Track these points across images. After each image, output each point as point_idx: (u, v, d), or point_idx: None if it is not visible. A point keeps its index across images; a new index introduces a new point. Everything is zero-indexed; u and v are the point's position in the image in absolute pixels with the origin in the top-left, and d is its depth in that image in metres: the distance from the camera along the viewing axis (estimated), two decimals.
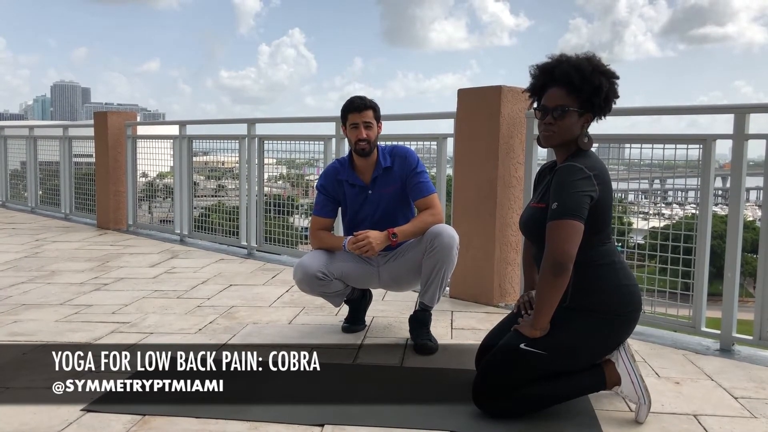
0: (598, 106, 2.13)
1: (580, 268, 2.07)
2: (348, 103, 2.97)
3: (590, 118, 2.15)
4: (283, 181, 6.09)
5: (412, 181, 2.96)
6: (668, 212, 3.56)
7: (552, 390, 2.13)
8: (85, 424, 2.11)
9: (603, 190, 2.07)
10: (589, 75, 2.09)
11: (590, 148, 2.18)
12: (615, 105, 2.18)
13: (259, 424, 2.11)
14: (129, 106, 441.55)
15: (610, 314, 2.11)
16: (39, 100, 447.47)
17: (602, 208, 2.08)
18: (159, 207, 7.15)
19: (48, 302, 3.73)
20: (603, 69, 2.12)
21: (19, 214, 8.22)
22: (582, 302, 2.11)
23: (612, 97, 2.14)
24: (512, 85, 3.71)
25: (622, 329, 2.15)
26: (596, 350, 2.16)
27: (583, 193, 2.02)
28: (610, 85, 2.12)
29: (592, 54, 2.17)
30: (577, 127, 2.13)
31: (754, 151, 2.98)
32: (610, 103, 2.15)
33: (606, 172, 2.13)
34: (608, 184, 2.11)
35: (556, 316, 2.09)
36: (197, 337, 3.10)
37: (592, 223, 2.05)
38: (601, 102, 2.12)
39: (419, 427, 2.10)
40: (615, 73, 2.14)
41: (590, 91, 2.10)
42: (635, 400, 2.14)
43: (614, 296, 2.12)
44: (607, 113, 2.18)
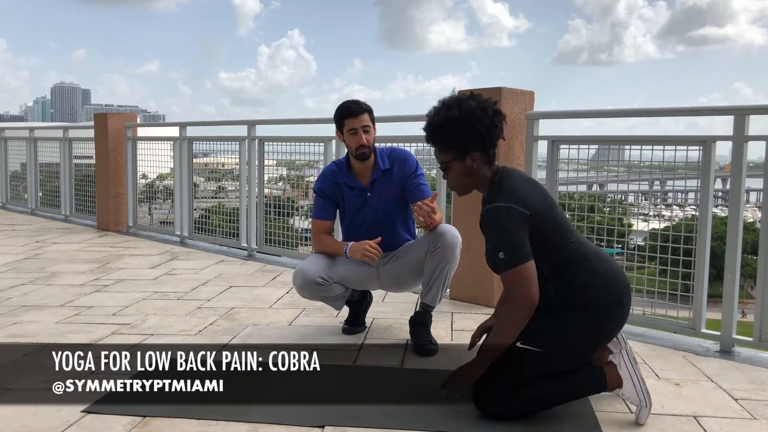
0: (479, 145, 2.16)
1: (555, 275, 2.10)
2: (344, 108, 2.95)
3: (476, 155, 2.16)
4: (283, 183, 6.09)
5: (412, 183, 2.96)
6: (668, 214, 3.56)
7: (552, 391, 2.14)
8: (86, 425, 2.11)
9: (533, 208, 2.08)
10: (456, 133, 2.14)
11: (497, 173, 2.19)
12: (503, 134, 2.20)
13: (260, 426, 2.11)
14: (129, 107, 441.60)
15: (599, 305, 2.11)
16: (39, 102, 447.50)
17: (542, 221, 2.10)
18: (159, 208, 7.15)
19: (48, 304, 3.73)
20: (472, 113, 2.13)
21: (20, 215, 8.21)
22: (569, 302, 2.11)
23: (491, 131, 2.15)
24: (512, 86, 3.71)
25: (615, 317, 2.14)
26: (591, 343, 2.15)
27: (518, 232, 2.04)
28: (485, 126, 2.14)
29: (466, 97, 2.19)
30: (469, 170, 2.18)
31: (753, 152, 2.99)
32: (492, 137, 2.17)
33: (528, 186, 2.14)
34: (536, 197, 2.12)
35: (549, 317, 2.09)
36: (197, 338, 3.10)
37: (543, 235, 2.08)
38: (477, 143, 2.15)
39: (419, 428, 2.10)
40: (487, 110, 2.15)
41: (462, 145, 2.15)
42: (636, 403, 2.14)
43: (598, 288, 2.12)
44: (495, 143, 2.19)
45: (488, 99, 2.20)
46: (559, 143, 3.57)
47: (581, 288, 2.11)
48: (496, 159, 2.23)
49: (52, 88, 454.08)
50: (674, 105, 49.30)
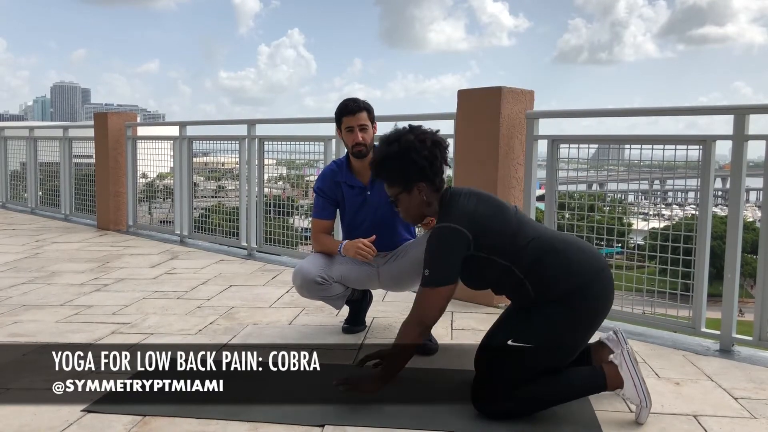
0: (422, 177, 2.22)
1: (528, 275, 2.12)
2: (342, 106, 2.95)
3: (422, 186, 2.23)
4: (283, 182, 6.09)
5: None
6: (668, 213, 3.56)
7: (551, 391, 2.14)
8: (86, 424, 2.11)
9: (479, 224, 2.13)
10: (398, 168, 2.22)
11: (444, 196, 2.24)
12: (447, 163, 2.28)
13: (260, 425, 2.11)
14: (129, 107, 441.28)
15: (577, 294, 2.11)
16: (39, 101, 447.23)
17: (493, 230, 2.14)
18: (159, 208, 7.15)
19: (48, 303, 3.73)
20: (410, 146, 2.20)
21: (19, 214, 8.22)
22: (548, 296, 2.12)
23: (431, 162, 2.21)
24: (512, 86, 3.71)
25: (596, 303, 2.14)
26: (580, 333, 2.15)
27: (450, 256, 2.11)
28: (425, 158, 2.20)
29: (406, 131, 2.27)
30: (417, 199, 2.25)
31: (753, 152, 2.99)
32: (434, 167, 2.22)
33: (473, 201, 2.18)
34: (484, 209, 2.16)
35: (533, 313, 2.12)
36: (197, 337, 3.10)
37: (500, 242, 2.13)
38: (420, 174, 2.21)
39: (420, 427, 2.10)
40: (425, 142, 2.21)
41: (405, 178, 2.22)
42: (637, 403, 2.14)
43: (572, 276, 2.12)
44: (439, 172, 2.25)
45: (427, 131, 2.28)
46: (559, 142, 3.57)
47: (555, 281, 2.12)
48: (443, 185, 2.29)
49: (52, 88, 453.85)
50: (674, 104, 49.26)
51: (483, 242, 2.12)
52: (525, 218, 2.26)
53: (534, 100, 3.79)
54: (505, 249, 2.14)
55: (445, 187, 2.28)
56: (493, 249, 2.13)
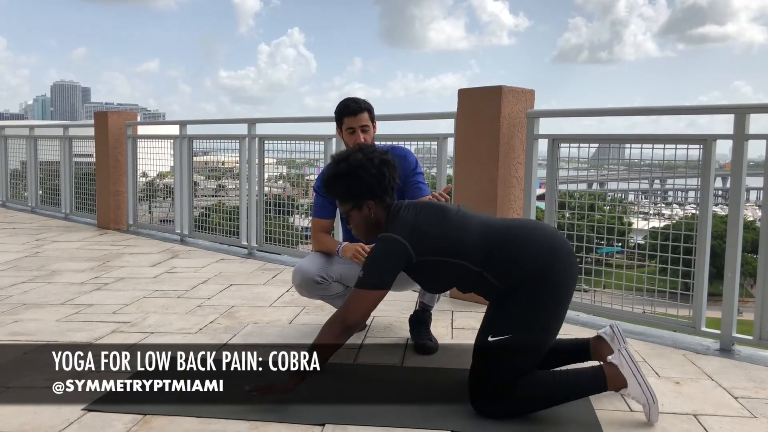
0: (371, 194, 2.27)
1: (486, 267, 2.16)
2: (342, 106, 2.94)
3: (371, 203, 2.29)
4: (283, 181, 6.09)
5: (411, 180, 2.96)
6: (668, 212, 3.56)
7: (551, 392, 2.13)
8: (87, 423, 2.11)
9: (422, 231, 2.18)
10: (346, 186, 2.27)
11: (389, 210, 2.29)
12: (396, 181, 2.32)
13: (260, 424, 2.11)
14: (129, 105, 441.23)
15: (537, 275, 2.13)
16: (39, 100, 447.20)
17: (437, 233, 2.19)
18: (159, 207, 7.15)
19: (48, 302, 3.73)
20: (359, 165, 2.25)
21: (20, 213, 8.22)
22: (511, 283, 2.14)
23: (379, 181, 2.26)
24: (512, 85, 3.71)
25: (559, 280, 2.15)
26: (551, 314, 2.16)
27: (386, 263, 2.16)
28: (373, 176, 2.25)
29: (355, 150, 2.33)
30: (368, 217, 2.29)
31: (754, 151, 2.99)
32: (382, 185, 2.27)
33: (414, 212, 2.23)
34: (425, 216, 2.22)
35: (501, 304, 2.15)
36: (198, 336, 3.11)
37: (445, 242, 2.18)
38: (368, 192, 2.26)
39: (420, 426, 2.10)
40: (373, 161, 2.26)
41: (354, 196, 2.28)
42: (643, 401, 2.12)
43: (528, 259, 2.15)
44: (388, 190, 2.29)
45: (376, 150, 2.33)
46: (560, 142, 3.57)
47: (515, 265, 2.15)
48: (393, 203, 2.33)
49: (52, 87, 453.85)
50: (674, 103, 49.20)
51: (427, 247, 2.17)
52: (470, 214, 2.29)
53: (534, 99, 3.79)
54: (454, 248, 2.18)
55: (393, 203, 2.34)
56: (441, 251, 2.18)
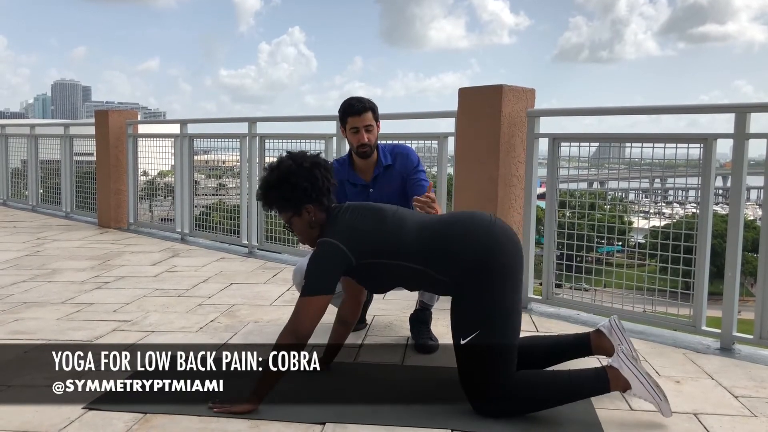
0: (307, 199, 2.28)
1: (429, 263, 2.17)
2: (346, 105, 2.94)
3: (310, 207, 2.29)
4: None
5: (412, 178, 2.97)
6: (669, 211, 3.56)
7: (551, 392, 2.12)
8: (87, 422, 2.12)
9: (359, 234, 2.21)
10: (280, 194, 2.28)
11: (329, 214, 2.31)
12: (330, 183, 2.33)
13: (260, 423, 2.11)
14: (129, 104, 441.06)
15: (479, 264, 2.15)
16: (40, 99, 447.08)
17: (375, 235, 2.21)
18: (160, 205, 7.15)
19: (49, 301, 3.73)
20: (289, 171, 2.28)
21: (20, 212, 8.22)
22: (457, 277, 2.16)
23: (313, 183, 2.27)
24: (513, 84, 3.71)
25: (502, 262, 2.16)
26: (509, 295, 2.16)
27: (327, 267, 2.18)
28: (305, 180, 2.27)
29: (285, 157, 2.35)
30: (309, 222, 2.30)
31: (754, 150, 2.99)
32: (316, 188, 2.28)
33: (351, 216, 2.26)
34: (363, 220, 2.24)
35: (454, 301, 2.18)
36: (198, 335, 3.11)
37: (384, 243, 2.20)
38: (304, 197, 2.27)
39: (420, 425, 2.10)
40: (303, 164, 2.29)
41: (290, 202, 2.29)
42: (651, 400, 2.11)
43: (467, 249, 2.16)
44: (325, 192, 2.31)
45: (306, 154, 2.36)
46: (560, 141, 3.57)
47: (455, 260, 2.16)
48: (332, 204, 2.35)
49: (53, 85, 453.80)
50: (675, 102, 49.24)
51: (366, 249, 2.19)
52: (407, 215, 2.31)
53: (535, 98, 3.79)
54: (392, 249, 2.20)
55: (333, 206, 2.35)
56: (379, 253, 2.20)
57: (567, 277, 3.59)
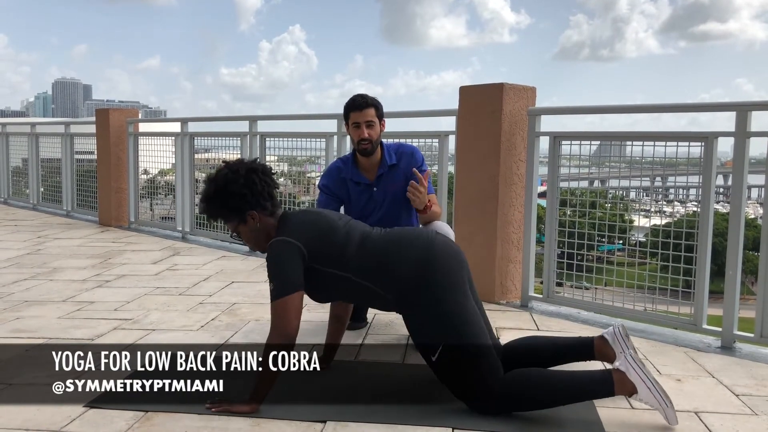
0: (248, 205, 2.28)
1: (373, 281, 2.20)
2: (350, 101, 2.95)
3: (254, 213, 2.29)
4: (285, 179, 6.10)
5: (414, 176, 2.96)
6: (669, 210, 3.56)
7: (553, 392, 2.11)
8: (88, 420, 2.12)
9: (311, 233, 2.23)
10: (221, 203, 2.28)
11: (278, 221, 2.32)
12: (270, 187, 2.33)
13: (261, 421, 2.11)
14: (130, 103, 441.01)
15: (417, 271, 2.17)
16: (40, 97, 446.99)
17: (324, 242, 2.23)
18: (161, 204, 7.16)
19: (50, 299, 3.74)
20: (226, 180, 2.27)
21: (21, 211, 8.22)
22: (402, 291, 2.18)
23: (251, 189, 2.27)
24: (514, 82, 3.71)
25: (438, 266, 2.18)
26: (459, 303, 2.16)
27: (289, 264, 2.19)
28: (243, 186, 2.26)
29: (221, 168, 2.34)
30: (254, 228, 2.31)
31: (755, 148, 2.99)
32: (255, 193, 2.28)
33: (301, 217, 2.31)
34: (312, 223, 2.27)
35: (405, 318, 2.21)
36: (199, 333, 3.11)
37: (333, 254, 2.22)
38: (244, 203, 2.27)
39: (421, 424, 2.10)
40: (239, 172, 2.27)
41: (233, 210, 2.29)
42: (656, 406, 2.08)
43: (405, 268, 2.18)
44: (266, 196, 2.30)
45: (243, 161, 2.35)
46: (561, 139, 3.57)
47: (394, 276, 2.19)
48: (278, 209, 2.36)
49: (54, 84, 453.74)
50: (676, 101, 49.13)
51: (314, 250, 2.21)
52: (357, 227, 2.33)
53: (536, 96, 3.79)
54: (340, 260, 2.22)
55: (280, 211, 2.36)
56: (327, 260, 2.22)
57: (568, 275, 3.59)
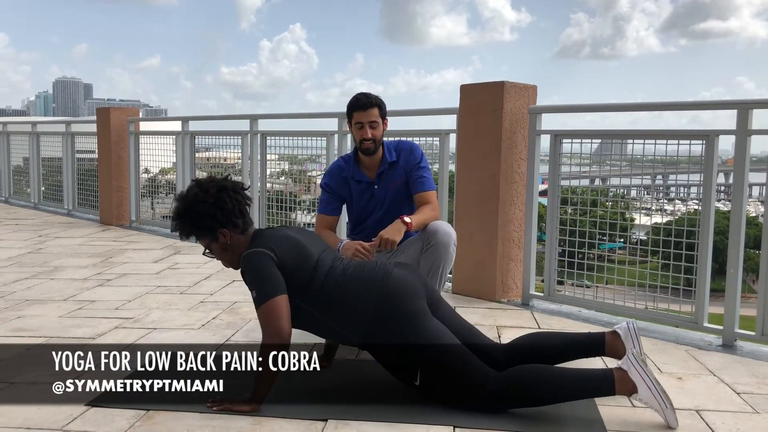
0: (219, 223, 2.29)
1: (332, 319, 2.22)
2: (353, 100, 2.94)
3: (225, 231, 2.31)
4: (285, 177, 6.10)
5: (414, 174, 2.96)
6: (671, 208, 3.56)
7: (551, 388, 2.10)
8: (90, 419, 2.12)
9: (280, 251, 2.23)
10: (191, 222, 2.30)
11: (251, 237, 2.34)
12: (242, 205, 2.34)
13: (263, 419, 2.11)
14: (131, 102, 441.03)
15: (377, 316, 2.19)
16: (41, 96, 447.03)
17: (294, 264, 2.24)
18: (162, 203, 7.16)
19: (51, 298, 3.74)
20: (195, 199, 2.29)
21: (22, 210, 8.23)
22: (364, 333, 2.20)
23: (222, 207, 2.29)
24: (514, 80, 3.71)
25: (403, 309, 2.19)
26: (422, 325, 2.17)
27: (267, 270, 2.19)
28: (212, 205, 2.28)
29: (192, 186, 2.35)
30: (225, 245, 2.33)
31: (756, 146, 2.99)
32: (226, 211, 2.29)
33: (273, 235, 2.31)
34: (284, 241, 2.28)
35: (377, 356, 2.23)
36: (200, 332, 3.11)
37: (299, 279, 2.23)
38: (214, 222, 2.29)
39: (422, 422, 2.10)
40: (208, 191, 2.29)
41: (203, 229, 2.31)
42: (656, 406, 2.07)
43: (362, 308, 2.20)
44: (237, 214, 2.31)
45: (214, 179, 2.36)
46: (562, 137, 3.57)
47: (351, 315, 2.21)
48: (250, 226, 2.37)
49: (54, 83, 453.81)
50: (677, 99, 49.15)
51: (286, 271, 2.22)
52: (327, 258, 2.33)
53: (536, 95, 3.79)
54: (304, 289, 2.24)
55: (252, 229, 2.37)
56: (292, 285, 2.21)
57: (569, 273, 3.59)
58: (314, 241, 2.40)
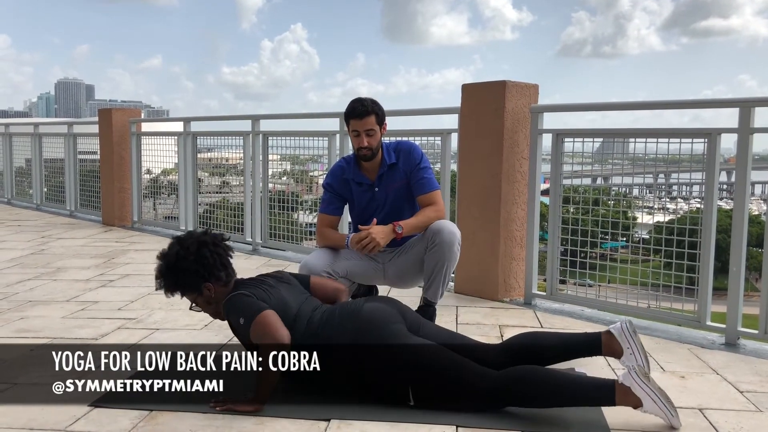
0: (202, 279, 2.33)
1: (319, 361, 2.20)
2: (349, 108, 2.93)
3: (209, 285, 2.35)
4: (287, 177, 6.10)
5: (415, 176, 2.96)
6: (673, 207, 3.56)
7: (549, 391, 2.09)
8: (93, 419, 2.12)
9: (259, 297, 2.26)
10: (174, 280, 2.35)
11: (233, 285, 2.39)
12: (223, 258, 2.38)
13: (266, 419, 2.12)
14: (133, 102, 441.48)
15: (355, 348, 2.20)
16: (43, 98, 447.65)
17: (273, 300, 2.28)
18: (164, 203, 7.17)
19: (54, 299, 3.75)
20: (177, 257, 2.33)
21: (25, 211, 8.24)
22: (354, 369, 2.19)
23: (203, 263, 2.33)
24: (516, 80, 3.70)
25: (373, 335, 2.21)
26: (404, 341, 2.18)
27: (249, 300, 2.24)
28: (194, 263, 2.32)
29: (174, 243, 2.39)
30: (209, 295, 2.37)
31: (759, 145, 2.98)
32: (207, 267, 2.33)
33: (251, 283, 2.36)
34: (269, 291, 2.31)
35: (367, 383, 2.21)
36: (203, 333, 3.11)
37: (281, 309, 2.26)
38: (197, 278, 2.33)
39: (424, 421, 2.10)
40: (189, 249, 2.33)
41: (187, 286, 2.37)
42: (662, 416, 2.07)
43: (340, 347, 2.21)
44: (219, 268, 2.35)
45: (193, 235, 2.41)
46: (564, 136, 3.57)
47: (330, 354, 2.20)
48: (232, 276, 2.41)
49: (56, 84, 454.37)
50: (679, 98, 49.20)
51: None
52: (304, 311, 2.33)
53: (538, 94, 3.78)
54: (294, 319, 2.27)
55: (234, 280, 2.42)
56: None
57: (571, 272, 3.59)
58: (293, 292, 2.42)
